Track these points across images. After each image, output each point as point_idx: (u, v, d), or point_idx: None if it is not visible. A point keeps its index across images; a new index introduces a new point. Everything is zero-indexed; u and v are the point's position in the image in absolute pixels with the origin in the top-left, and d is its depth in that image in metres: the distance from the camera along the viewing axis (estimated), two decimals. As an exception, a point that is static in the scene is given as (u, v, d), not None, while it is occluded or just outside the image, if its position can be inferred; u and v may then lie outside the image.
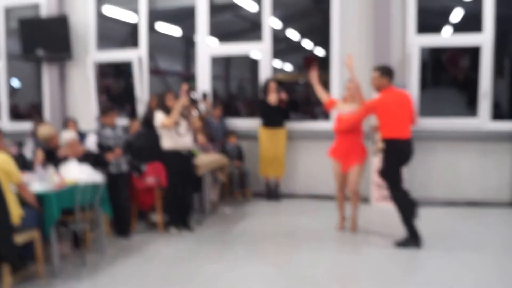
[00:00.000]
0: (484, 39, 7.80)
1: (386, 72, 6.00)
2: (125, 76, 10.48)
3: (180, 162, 6.62)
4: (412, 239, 5.77)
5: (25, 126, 9.33)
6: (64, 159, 5.96)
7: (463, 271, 5.07)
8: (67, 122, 8.25)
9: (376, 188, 8.09)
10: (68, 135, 6.08)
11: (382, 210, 7.79)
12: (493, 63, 7.85)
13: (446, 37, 8.49)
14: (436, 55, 9.07)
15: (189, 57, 12.85)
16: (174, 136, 6.54)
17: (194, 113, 7.40)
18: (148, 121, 6.99)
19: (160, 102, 6.63)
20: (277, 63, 12.56)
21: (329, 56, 8.72)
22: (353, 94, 6.33)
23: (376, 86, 6.06)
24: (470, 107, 8.17)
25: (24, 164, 6.93)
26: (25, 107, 11.62)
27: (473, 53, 8.11)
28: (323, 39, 8.93)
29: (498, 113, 8.28)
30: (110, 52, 10.16)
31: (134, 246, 6.18)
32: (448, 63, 9.02)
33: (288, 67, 13.51)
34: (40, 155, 6.32)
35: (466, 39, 8.06)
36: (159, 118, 6.49)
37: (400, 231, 5.93)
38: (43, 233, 5.05)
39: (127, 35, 11.08)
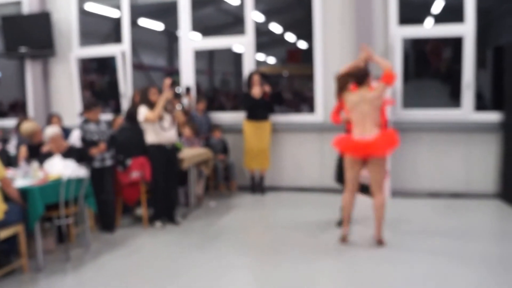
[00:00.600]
0: (466, 30, 7.81)
1: None
2: (109, 72, 10.41)
3: (164, 156, 6.59)
4: None
5: (9, 122, 9.27)
6: (48, 154, 5.92)
7: (443, 265, 5.07)
8: (51, 118, 8.17)
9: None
10: (51, 131, 6.03)
11: (366, 201, 7.80)
12: (476, 54, 7.86)
13: (428, 28, 8.48)
14: (419, 46, 9.07)
15: (172, 52, 12.79)
16: (158, 130, 6.51)
17: (178, 107, 7.35)
18: (131, 116, 6.94)
19: (143, 96, 6.58)
20: (261, 56, 12.53)
21: (312, 49, 8.71)
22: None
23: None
24: (454, 98, 8.19)
25: (8, 160, 6.88)
26: (9, 104, 11.51)
27: (456, 44, 8.12)
28: (306, 32, 8.90)
29: (482, 104, 8.30)
30: (93, 48, 10.07)
31: (118, 240, 6.14)
32: (430, 55, 9.02)
33: (271, 60, 13.49)
34: (23, 151, 6.27)
35: (448, 30, 8.07)
36: (143, 112, 6.45)
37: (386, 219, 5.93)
38: (27, 228, 5.02)
39: (110, 31, 11.00)
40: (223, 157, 8.65)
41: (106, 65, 10.75)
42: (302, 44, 11.71)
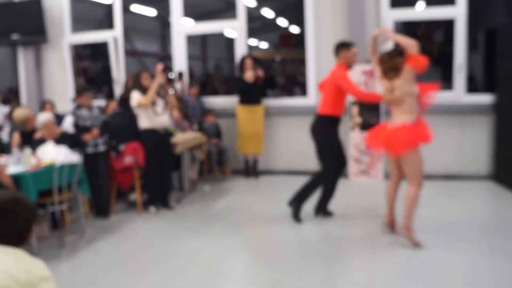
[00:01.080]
0: (457, 12, 7.78)
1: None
2: (103, 58, 10.33)
3: (157, 140, 6.55)
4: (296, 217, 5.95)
5: (3, 110, 9.19)
6: (41, 141, 5.87)
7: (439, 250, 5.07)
8: (44, 105, 8.11)
9: (354, 163, 8.09)
10: (43, 117, 5.97)
11: (360, 185, 7.82)
12: (468, 37, 7.83)
13: (420, 10, 8.44)
14: (411, 29, 9.03)
15: (165, 37, 12.72)
16: (151, 115, 6.46)
17: (170, 92, 7.30)
18: (124, 101, 6.89)
19: (135, 81, 6.53)
20: (253, 41, 12.49)
21: (304, 33, 8.65)
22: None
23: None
24: (446, 81, 8.16)
25: (1, 148, 6.84)
26: (3, 92, 11.43)
27: (447, 27, 8.08)
28: (298, 17, 8.85)
29: (474, 87, 8.29)
30: (85, 34, 9.98)
31: (113, 226, 6.12)
32: (422, 37, 8.98)
33: (264, 45, 13.44)
34: (16, 138, 6.22)
35: (440, 12, 8.03)
36: (135, 97, 6.39)
37: (378, 203, 5.94)
38: (21, 215, 4.97)
39: (102, 17, 10.91)
40: (216, 141, 8.62)
41: (99, 52, 10.67)
42: (294, 29, 11.66)
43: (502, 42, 7.45)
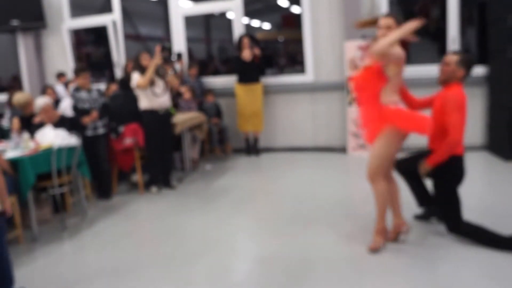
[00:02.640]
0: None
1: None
2: (105, 43, 10.16)
3: (157, 121, 6.41)
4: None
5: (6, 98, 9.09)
6: (40, 125, 5.74)
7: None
8: (45, 90, 7.99)
9: (352, 137, 7.96)
10: (42, 101, 5.83)
11: (359, 159, 7.70)
12: (461, 10, 7.66)
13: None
14: (408, 7, 8.89)
15: (168, 21, 12.55)
16: (150, 96, 6.33)
17: (170, 72, 7.16)
18: (124, 83, 6.78)
19: (135, 62, 6.40)
20: (256, 23, 12.30)
21: (302, 13, 8.47)
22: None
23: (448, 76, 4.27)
24: (441, 55, 8.00)
25: (2, 134, 6.73)
26: (6, 79, 11.31)
27: (443, 3, 7.92)
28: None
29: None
30: (84, 18, 9.79)
31: (115, 207, 6.01)
32: (419, 14, 8.81)
33: (266, 26, 13.26)
34: (15, 123, 6.08)
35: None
36: (135, 78, 6.26)
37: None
38: (20, 198, 4.88)
39: (103, 3, 10.73)
40: (217, 121, 8.48)
41: (102, 37, 10.50)
42: (296, 9, 11.48)
43: (493, 15, 7.31)
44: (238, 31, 8.72)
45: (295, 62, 10.35)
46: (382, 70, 3.89)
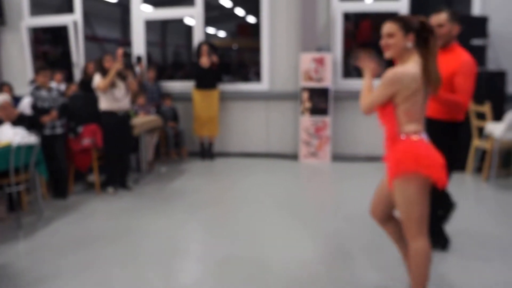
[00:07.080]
0: (400, 6, 7.83)
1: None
2: (63, 43, 9.81)
3: (116, 122, 6.21)
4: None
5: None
6: (-2, 122, 5.46)
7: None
8: (1, 87, 7.63)
9: (304, 145, 7.94)
10: (0, 98, 5.56)
11: (309, 166, 7.68)
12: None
13: (367, 3, 8.35)
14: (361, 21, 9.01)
15: (126, 24, 12.26)
16: (110, 98, 6.13)
17: (130, 76, 6.96)
18: (84, 84, 6.55)
19: (98, 64, 6.20)
20: (211, 30, 12.20)
21: (259, 23, 8.42)
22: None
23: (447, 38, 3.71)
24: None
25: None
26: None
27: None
28: (254, 7, 8.60)
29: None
30: (44, 17, 9.43)
31: (71, 206, 5.77)
32: (371, 29, 8.90)
33: (222, 34, 13.18)
34: (-27, 120, 5.78)
35: (385, 6, 7.97)
36: (96, 80, 6.07)
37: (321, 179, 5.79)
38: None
39: (62, 2, 10.37)
40: (173, 125, 8.31)
41: (60, 36, 10.14)
42: (251, 19, 11.43)
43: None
44: (198, 38, 8.59)
45: (248, 71, 10.33)
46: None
